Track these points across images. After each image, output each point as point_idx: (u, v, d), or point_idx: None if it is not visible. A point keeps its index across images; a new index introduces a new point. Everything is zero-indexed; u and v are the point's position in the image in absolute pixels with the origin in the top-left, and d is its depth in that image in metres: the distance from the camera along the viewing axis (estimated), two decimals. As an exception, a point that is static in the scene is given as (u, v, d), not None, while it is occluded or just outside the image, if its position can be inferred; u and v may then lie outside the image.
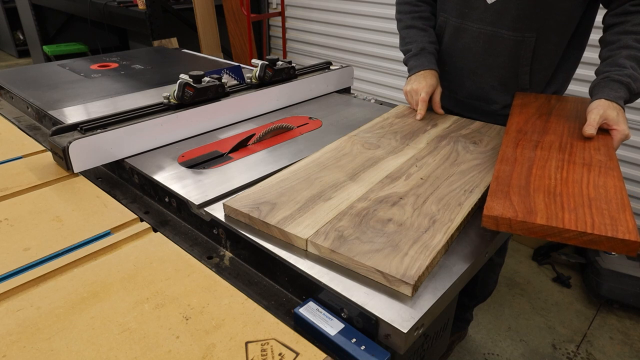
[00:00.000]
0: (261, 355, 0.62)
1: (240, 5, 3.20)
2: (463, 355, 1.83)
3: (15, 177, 1.07)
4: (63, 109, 1.40)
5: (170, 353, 0.62)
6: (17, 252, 0.82)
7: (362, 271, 0.71)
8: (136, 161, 1.09)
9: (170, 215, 0.98)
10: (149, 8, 2.95)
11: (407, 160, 1.03)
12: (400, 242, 0.75)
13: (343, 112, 1.42)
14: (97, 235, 0.87)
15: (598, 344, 1.88)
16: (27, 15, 4.74)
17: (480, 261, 0.80)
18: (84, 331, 0.65)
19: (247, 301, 0.72)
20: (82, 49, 4.65)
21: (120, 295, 0.72)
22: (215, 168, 1.06)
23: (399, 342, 0.63)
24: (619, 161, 0.93)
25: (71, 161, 1.05)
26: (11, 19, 5.73)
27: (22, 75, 1.78)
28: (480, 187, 0.92)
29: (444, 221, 0.80)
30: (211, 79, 1.29)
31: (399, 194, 0.89)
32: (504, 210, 0.75)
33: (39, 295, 0.73)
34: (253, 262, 0.83)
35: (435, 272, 0.72)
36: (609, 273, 2.01)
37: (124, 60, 2.02)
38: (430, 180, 0.95)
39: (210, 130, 1.29)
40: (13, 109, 1.59)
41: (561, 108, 1.19)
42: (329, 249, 0.73)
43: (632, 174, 2.30)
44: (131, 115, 1.18)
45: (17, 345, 0.63)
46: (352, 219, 0.81)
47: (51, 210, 0.95)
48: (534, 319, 2.01)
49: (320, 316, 0.68)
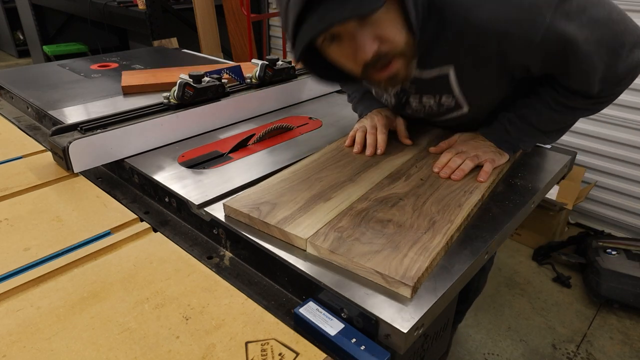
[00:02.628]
0: (261, 355, 0.62)
1: (240, 5, 3.19)
2: (463, 355, 1.83)
3: (15, 177, 1.07)
4: (63, 109, 1.40)
5: (170, 353, 0.62)
6: (17, 252, 0.82)
7: (361, 272, 0.71)
8: (136, 161, 1.09)
9: (170, 215, 0.98)
10: (149, 8, 2.94)
11: (407, 160, 1.03)
12: (400, 243, 0.75)
13: (343, 112, 1.42)
14: (97, 235, 0.87)
15: (598, 344, 1.88)
16: (27, 15, 4.74)
17: (480, 261, 0.80)
18: (84, 331, 0.65)
19: (247, 301, 0.72)
20: (82, 49, 4.65)
21: (120, 295, 0.72)
22: (215, 168, 1.06)
23: (399, 342, 0.63)
24: (618, 161, 0.93)
25: (71, 161, 1.05)
26: (11, 19, 5.72)
27: (22, 75, 1.78)
28: (480, 187, 0.92)
29: (444, 222, 0.80)
30: (211, 79, 1.29)
31: (399, 195, 0.89)
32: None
33: (39, 295, 0.73)
34: (253, 262, 0.83)
35: (435, 273, 0.72)
36: (609, 273, 2.01)
37: (124, 60, 2.02)
38: (430, 181, 0.95)
39: (210, 130, 1.29)
40: (13, 109, 1.59)
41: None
42: (328, 250, 0.73)
43: (632, 174, 2.30)
44: (131, 115, 1.18)
45: (17, 345, 0.63)
46: (351, 220, 0.81)
47: (51, 210, 0.95)
48: (534, 319, 2.01)
49: (320, 316, 0.68)
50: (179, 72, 1.36)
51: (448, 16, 0.85)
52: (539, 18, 0.80)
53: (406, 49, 0.81)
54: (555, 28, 0.81)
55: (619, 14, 0.85)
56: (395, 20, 0.79)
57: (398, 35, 0.79)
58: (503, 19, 0.82)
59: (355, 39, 0.77)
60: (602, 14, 0.83)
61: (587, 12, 0.82)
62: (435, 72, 0.95)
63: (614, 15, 0.84)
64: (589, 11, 0.82)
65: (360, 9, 0.70)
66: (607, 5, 0.84)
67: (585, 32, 0.82)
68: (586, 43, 0.83)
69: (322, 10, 0.71)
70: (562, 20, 0.80)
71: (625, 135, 2.26)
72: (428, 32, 0.86)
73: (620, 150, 2.30)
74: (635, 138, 2.24)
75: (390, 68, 0.82)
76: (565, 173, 1.17)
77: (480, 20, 0.83)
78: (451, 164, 0.98)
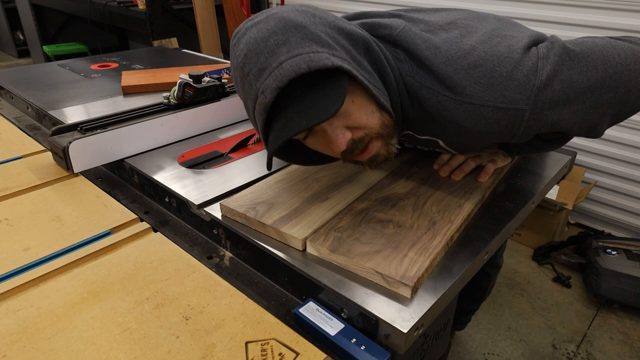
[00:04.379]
0: (261, 355, 0.62)
1: (240, 5, 3.19)
2: (463, 355, 1.83)
3: (15, 177, 1.07)
4: (63, 109, 1.40)
5: (170, 353, 0.62)
6: (17, 252, 0.82)
7: (361, 272, 0.71)
8: (136, 161, 1.09)
9: (170, 215, 0.98)
10: (149, 8, 2.94)
11: (408, 160, 1.03)
12: (400, 243, 0.75)
13: (343, 112, 1.42)
14: (97, 235, 0.87)
15: (598, 344, 1.88)
16: (27, 15, 4.74)
17: (480, 261, 0.80)
18: (84, 331, 0.65)
19: (247, 301, 0.72)
20: (82, 49, 4.64)
21: (120, 295, 0.72)
22: (215, 168, 1.06)
23: (399, 342, 0.63)
24: (618, 161, 0.93)
25: (71, 161, 1.05)
26: (11, 19, 5.72)
27: (22, 75, 1.78)
28: (480, 188, 0.92)
29: (444, 222, 0.80)
30: (211, 78, 1.29)
31: (399, 195, 0.89)
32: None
33: (39, 295, 0.73)
34: (253, 262, 0.83)
35: (435, 273, 0.72)
36: (609, 273, 2.01)
37: (124, 60, 2.02)
38: (431, 181, 0.95)
39: (210, 130, 1.29)
40: (13, 109, 1.59)
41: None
42: (328, 250, 0.73)
43: (632, 174, 2.30)
44: (131, 115, 1.18)
45: (17, 345, 0.63)
46: (351, 220, 0.81)
47: (51, 210, 0.95)
48: (534, 319, 2.01)
49: (320, 316, 0.68)
50: (179, 72, 1.36)
51: (426, 107, 0.80)
52: (517, 116, 0.74)
53: (382, 130, 0.77)
54: (537, 119, 0.75)
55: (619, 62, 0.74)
56: (363, 106, 0.74)
57: (370, 120, 0.75)
58: (480, 121, 0.76)
59: (326, 133, 0.74)
60: (595, 76, 0.74)
61: (574, 85, 0.73)
62: (425, 137, 0.92)
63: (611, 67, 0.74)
64: (577, 82, 0.74)
65: (318, 118, 0.65)
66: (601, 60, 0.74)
67: (573, 107, 0.75)
68: (578, 115, 0.77)
69: (283, 119, 0.69)
70: (543, 110, 0.74)
71: (625, 135, 2.26)
72: (412, 111, 0.83)
73: (620, 150, 2.29)
74: (635, 138, 2.23)
75: (369, 151, 0.78)
76: (565, 173, 1.17)
77: (457, 121, 0.78)
78: (452, 162, 0.98)
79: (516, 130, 0.77)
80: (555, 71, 0.73)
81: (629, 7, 2.09)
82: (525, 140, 0.85)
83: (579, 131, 0.83)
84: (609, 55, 0.75)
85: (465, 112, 0.76)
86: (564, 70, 0.73)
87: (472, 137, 0.82)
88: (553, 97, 0.74)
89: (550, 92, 0.73)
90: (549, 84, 0.73)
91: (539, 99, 0.73)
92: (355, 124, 0.75)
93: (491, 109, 0.74)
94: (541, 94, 0.73)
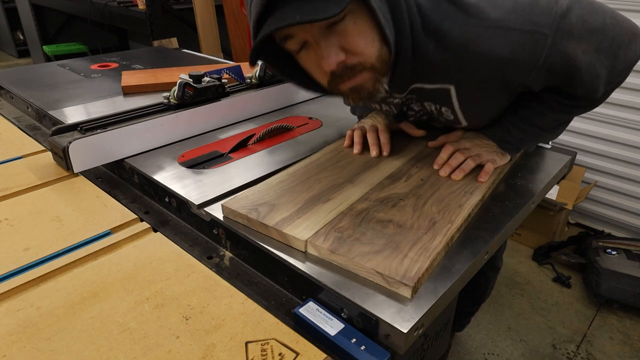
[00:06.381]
0: (261, 355, 0.62)
1: (240, 5, 3.19)
2: (463, 355, 1.83)
3: (15, 177, 1.07)
4: (63, 109, 1.40)
5: (170, 353, 0.62)
6: (17, 252, 0.82)
7: (361, 272, 0.71)
8: (136, 161, 1.09)
9: (170, 215, 0.98)
10: (149, 8, 2.94)
11: (408, 161, 1.03)
12: (400, 243, 0.75)
13: (343, 112, 1.42)
14: (97, 235, 0.87)
15: (598, 344, 1.88)
16: (27, 15, 4.74)
17: (480, 261, 0.80)
18: (84, 331, 0.65)
19: (247, 301, 0.72)
20: (82, 49, 4.65)
21: (120, 295, 0.72)
22: (215, 168, 1.06)
23: (399, 342, 0.63)
24: (618, 161, 0.93)
25: (71, 161, 1.05)
26: (11, 19, 5.72)
27: (22, 75, 1.78)
28: (481, 188, 0.92)
29: (444, 222, 0.80)
30: (211, 78, 1.29)
31: (400, 195, 0.89)
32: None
33: (39, 295, 0.73)
34: (253, 262, 0.83)
35: (435, 273, 0.72)
36: (609, 273, 2.01)
37: (124, 60, 2.02)
38: (431, 181, 0.95)
39: (210, 130, 1.29)
40: (13, 109, 1.59)
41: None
42: (328, 250, 0.73)
43: (632, 174, 2.30)
44: (131, 115, 1.18)
45: (17, 345, 0.63)
46: (352, 220, 0.81)
47: (51, 210, 0.95)
48: (534, 319, 2.01)
49: (320, 316, 0.68)
50: (179, 72, 1.36)
51: (447, 43, 0.82)
52: (540, 41, 0.78)
53: (377, 64, 0.77)
54: (557, 48, 0.79)
55: (612, 15, 0.84)
56: (365, 32, 0.74)
57: (368, 48, 0.75)
58: (505, 46, 0.79)
59: (320, 48, 0.74)
60: (597, 21, 0.81)
61: (585, 24, 0.80)
62: (436, 86, 0.93)
63: (608, 19, 0.83)
64: (587, 21, 0.80)
65: (314, 14, 0.65)
66: (600, 11, 0.82)
67: (584, 45, 0.81)
68: (586, 55, 0.82)
69: (279, 13, 0.68)
70: (562, 40, 0.79)
71: (625, 135, 2.26)
72: (427, 51, 0.84)
73: (620, 150, 2.29)
74: (635, 138, 2.24)
75: (355, 79, 0.78)
76: (565, 173, 1.17)
77: (481, 50, 0.80)
78: (452, 162, 0.98)
79: (537, 59, 0.80)
80: (571, 5, 0.79)
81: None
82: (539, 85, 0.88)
83: (586, 79, 0.85)
84: (605, 8, 0.83)
85: (491, 38, 0.79)
86: (577, 7, 0.79)
87: (492, 72, 0.84)
88: (571, 28, 0.78)
89: (569, 22, 0.78)
90: (568, 14, 0.78)
91: (560, 26, 0.78)
92: (351, 47, 0.74)
93: (518, 32, 0.78)
94: (563, 21, 0.78)
